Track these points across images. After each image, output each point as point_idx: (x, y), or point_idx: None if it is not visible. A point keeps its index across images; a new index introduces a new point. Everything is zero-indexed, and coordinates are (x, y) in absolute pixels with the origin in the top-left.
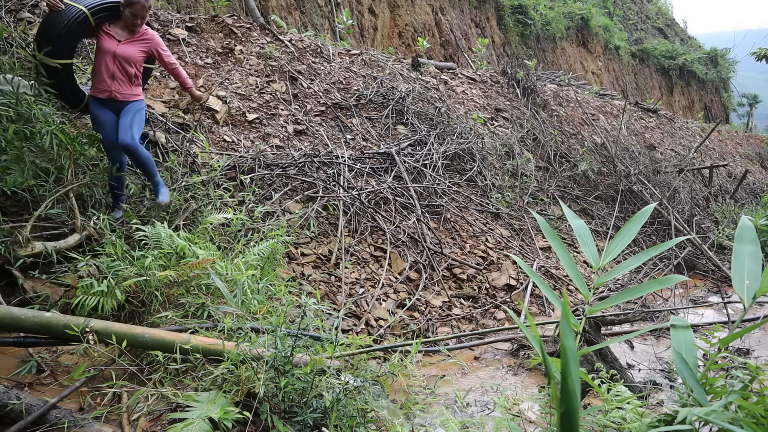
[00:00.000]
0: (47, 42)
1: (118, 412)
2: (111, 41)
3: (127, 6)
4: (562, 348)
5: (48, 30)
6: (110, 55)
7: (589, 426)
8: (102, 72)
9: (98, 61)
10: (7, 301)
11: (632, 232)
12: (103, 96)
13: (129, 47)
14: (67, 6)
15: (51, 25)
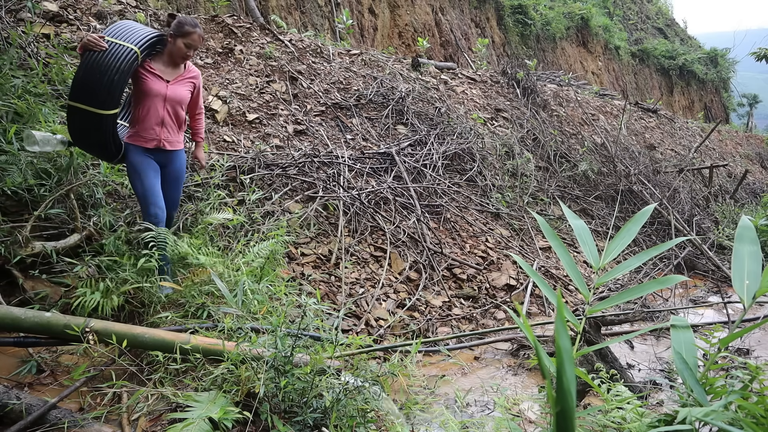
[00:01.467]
0: (95, 92)
1: (118, 412)
2: (158, 82)
3: (180, 36)
4: (557, 347)
5: (94, 77)
6: (160, 99)
7: (589, 426)
8: (150, 119)
9: (143, 105)
10: (7, 301)
11: (632, 232)
12: (150, 146)
13: (179, 87)
14: (111, 46)
15: (98, 70)
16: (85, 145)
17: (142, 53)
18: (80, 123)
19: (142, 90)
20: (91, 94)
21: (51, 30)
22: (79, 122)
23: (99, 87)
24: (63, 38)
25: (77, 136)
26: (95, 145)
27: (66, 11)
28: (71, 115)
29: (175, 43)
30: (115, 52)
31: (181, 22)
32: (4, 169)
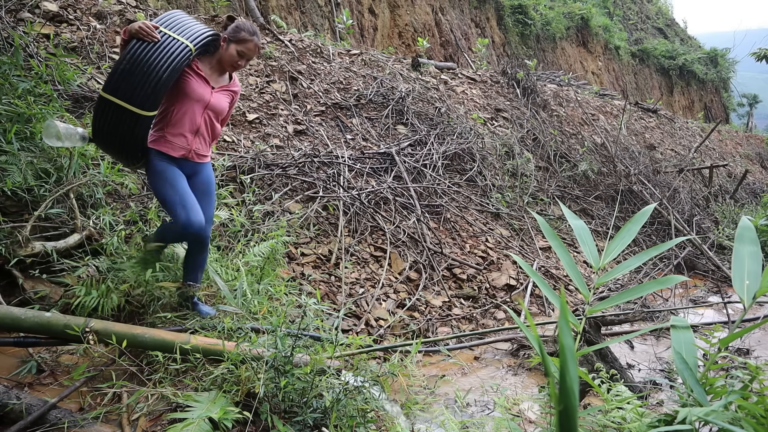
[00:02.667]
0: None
1: (118, 412)
2: (204, 86)
3: (235, 42)
4: (560, 345)
5: (140, 72)
6: (201, 105)
7: (589, 426)
8: (184, 124)
9: (179, 108)
10: (7, 301)
11: (632, 232)
12: (177, 154)
13: (222, 97)
14: (165, 38)
15: (146, 64)
16: (109, 146)
17: (195, 52)
18: (112, 120)
19: (183, 91)
20: (133, 90)
21: (51, 30)
22: (111, 119)
23: (144, 84)
24: (63, 38)
25: (104, 134)
26: (122, 147)
27: (66, 11)
28: (102, 109)
29: (227, 48)
30: (169, 47)
31: (238, 26)
32: (4, 169)
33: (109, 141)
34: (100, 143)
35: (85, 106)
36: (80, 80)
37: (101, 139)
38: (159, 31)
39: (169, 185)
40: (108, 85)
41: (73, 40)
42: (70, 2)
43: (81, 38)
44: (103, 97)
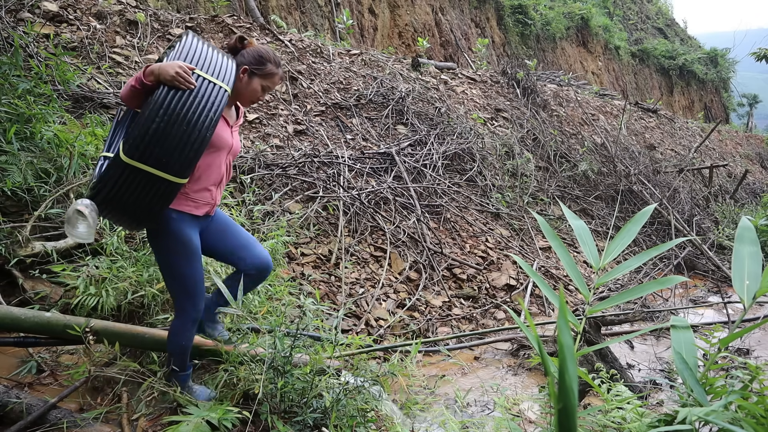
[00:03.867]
0: (178, 153)
1: (118, 412)
2: (226, 129)
3: (261, 77)
4: (559, 344)
5: (178, 130)
6: (225, 151)
7: (589, 426)
8: (209, 177)
9: (204, 160)
10: (7, 301)
11: (632, 233)
12: (200, 212)
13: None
14: (201, 84)
15: (184, 121)
16: (124, 216)
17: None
18: (136, 191)
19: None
20: (170, 154)
21: (51, 30)
22: (135, 190)
23: (185, 146)
24: (63, 38)
25: (121, 205)
26: (140, 218)
27: (66, 11)
28: (125, 179)
29: (250, 82)
30: (208, 95)
31: (263, 57)
32: (4, 169)
33: (127, 212)
34: (111, 212)
35: (85, 107)
36: (80, 80)
37: (114, 209)
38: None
39: (186, 261)
40: (135, 149)
41: (73, 40)
42: (70, 2)
43: (81, 38)
44: (128, 164)
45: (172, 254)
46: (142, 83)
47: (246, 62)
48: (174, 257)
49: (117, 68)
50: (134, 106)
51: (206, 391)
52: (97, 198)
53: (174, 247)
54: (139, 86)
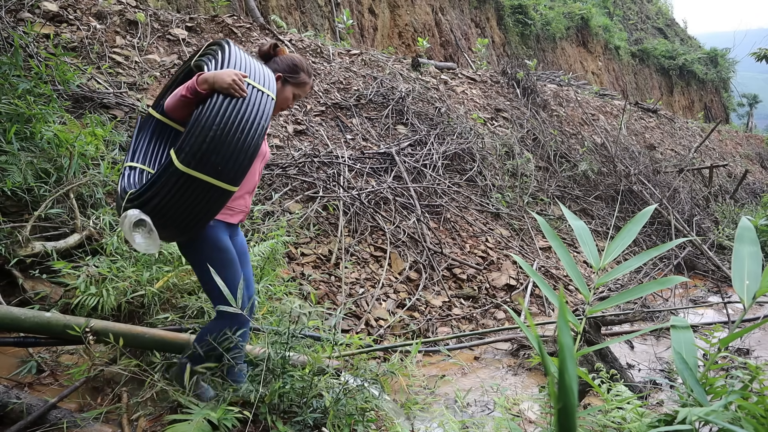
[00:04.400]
0: (233, 161)
1: (118, 412)
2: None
3: (294, 85)
4: (559, 344)
5: (233, 138)
6: (260, 158)
7: (589, 426)
8: (246, 184)
9: None
10: (7, 301)
11: (633, 233)
12: (235, 221)
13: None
14: (251, 92)
15: (239, 129)
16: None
17: None
18: (189, 200)
19: None
20: (226, 162)
21: (51, 30)
22: (189, 199)
23: (239, 154)
24: (63, 38)
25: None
26: (186, 228)
27: (66, 11)
28: (178, 188)
29: (283, 90)
30: (258, 103)
31: (297, 66)
32: (4, 169)
33: (176, 222)
34: (158, 221)
35: (85, 107)
36: (80, 80)
37: (163, 218)
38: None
39: (226, 269)
40: (192, 158)
41: (73, 40)
42: (70, 2)
43: (81, 38)
44: (184, 173)
45: (217, 262)
46: (195, 92)
47: (280, 70)
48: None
49: (117, 68)
50: (181, 117)
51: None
52: (147, 207)
53: (213, 255)
54: (191, 95)
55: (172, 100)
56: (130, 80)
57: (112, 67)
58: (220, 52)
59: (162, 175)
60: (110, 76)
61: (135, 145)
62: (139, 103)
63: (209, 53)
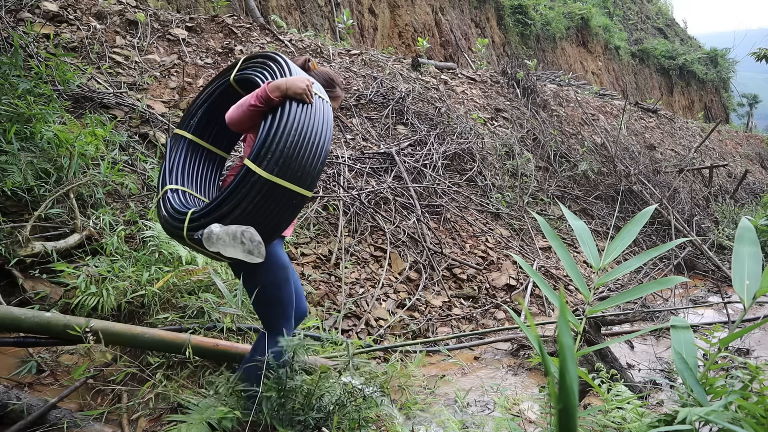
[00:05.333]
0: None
1: (118, 412)
2: None
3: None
4: (559, 344)
5: (309, 143)
6: None
7: (589, 426)
8: None
9: None
10: (7, 301)
11: (633, 233)
12: (288, 234)
13: None
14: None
15: (313, 133)
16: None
17: None
18: (273, 208)
19: None
20: (303, 167)
21: (51, 30)
22: (272, 207)
23: (314, 159)
24: (63, 38)
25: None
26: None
27: (66, 11)
28: (264, 196)
29: None
30: (324, 109)
31: (334, 80)
32: (4, 169)
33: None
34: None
35: (85, 107)
36: (80, 80)
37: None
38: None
39: (287, 282)
40: (275, 165)
41: (73, 40)
42: (70, 2)
43: (81, 38)
44: (268, 180)
45: (277, 276)
46: (267, 100)
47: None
48: (279, 279)
49: (117, 68)
50: (246, 128)
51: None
52: (227, 220)
53: (277, 273)
54: (261, 104)
55: (237, 112)
56: (130, 80)
57: (112, 67)
58: (274, 63)
59: (241, 185)
60: (110, 76)
61: (170, 167)
62: (139, 103)
63: (257, 66)
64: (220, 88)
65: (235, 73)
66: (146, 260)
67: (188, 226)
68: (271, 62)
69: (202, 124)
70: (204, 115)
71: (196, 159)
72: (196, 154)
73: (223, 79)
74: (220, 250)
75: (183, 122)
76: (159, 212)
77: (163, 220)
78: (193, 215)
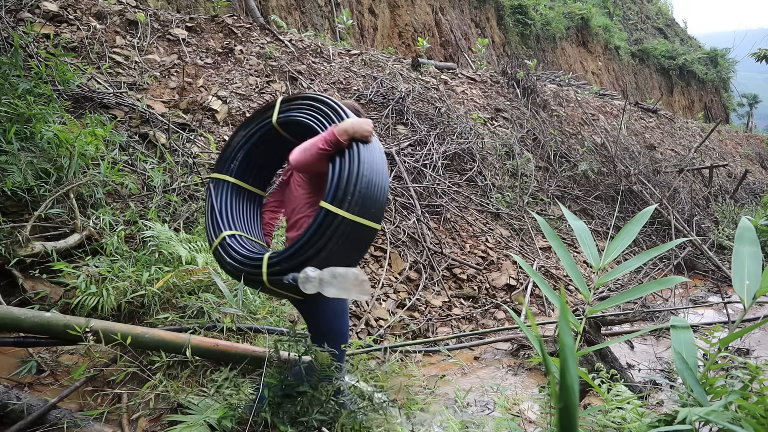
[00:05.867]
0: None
1: (118, 412)
2: None
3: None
4: (560, 344)
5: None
6: None
7: (589, 426)
8: None
9: None
10: (7, 301)
11: (633, 233)
12: None
13: None
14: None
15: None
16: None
17: None
18: (354, 245)
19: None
20: (376, 204)
21: (51, 30)
22: (354, 244)
23: (381, 195)
24: (63, 38)
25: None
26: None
27: (66, 11)
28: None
29: None
30: (380, 147)
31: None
32: (4, 169)
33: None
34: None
35: (85, 107)
36: (80, 80)
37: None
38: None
39: (346, 315)
40: (356, 205)
41: (73, 40)
42: (70, 2)
43: (81, 38)
44: (351, 221)
45: (335, 309)
46: (337, 144)
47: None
48: (337, 312)
49: (117, 68)
50: (314, 171)
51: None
52: (314, 261)
53: (339, 303)
54: (330, 147)
55: (306, 156)
56: (130, 80)
57: (112, 67)
58: (325, 106)
59: (323, 228)
60: (110, 76)
61: (220, 212)
62: (139, 103)
63: (305, 109)
64: (261, 130)
65: (278, 116)
66: (146, 260)
67: (268, 271)
68: (320, 104)
69: (243, 167)
70: (245, 158)
71: (240, 201)
72: (240, 197)
73: (263, 121)
74: (322, 291)
75: (222, 166)
76: (222, 259)
77: (231, 267)
78: (272, 260)
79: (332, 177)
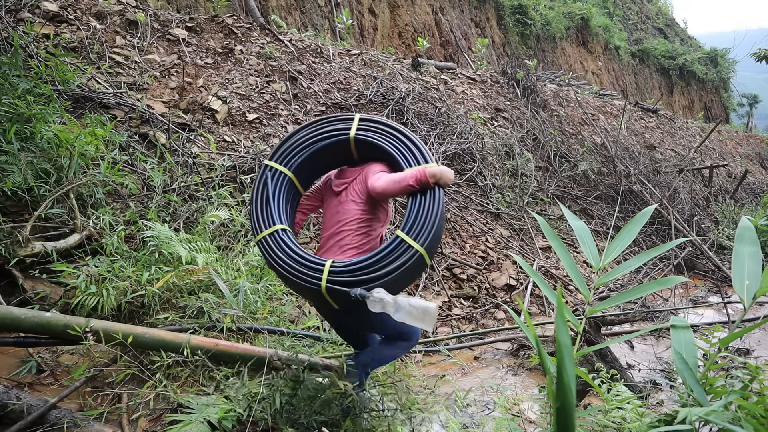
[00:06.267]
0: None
1: (118, 412)
2: None
3: None
4: (557, 343)
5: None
6: None
7: (589, 426)
8: None
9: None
10: (7, 301)
11: (633, 233)
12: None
13: None
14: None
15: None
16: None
17: None
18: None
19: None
20: (437, 243)
21: (51, 30)
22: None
23: (440, 236)
24: (63, 38)
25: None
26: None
27: (66, 11)
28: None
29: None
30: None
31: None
32: (4, 169)
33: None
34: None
35: (85, 107)
36: (80, 80)
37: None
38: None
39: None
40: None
41: (73, 40)
42: (70, 2)
43: (81, 38)
44: (419, 253)
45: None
46: (425, 185)
47: None
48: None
49: (117, 68)
50: (391, 197)
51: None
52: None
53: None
54: (419, 186)
55: (394, 188)
56: (130, 80)
57: (112, 67)
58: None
59: (395, 253)
60: (110, 76)
61: (277, 203)
62: (139, 103)
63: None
64: (334, 137)
65: (356, 132)
66: (146, 260)
67: (329, 279)
68: (404, 138)
69: (302, 165)
70: (309, 157)
71: (288, 196)
72: (289, 192)
73: (340, 131)
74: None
75: (283, 158)
76: (271, 252)
77: (281, 263)
78: (334, 268)
79: (412, 211)
